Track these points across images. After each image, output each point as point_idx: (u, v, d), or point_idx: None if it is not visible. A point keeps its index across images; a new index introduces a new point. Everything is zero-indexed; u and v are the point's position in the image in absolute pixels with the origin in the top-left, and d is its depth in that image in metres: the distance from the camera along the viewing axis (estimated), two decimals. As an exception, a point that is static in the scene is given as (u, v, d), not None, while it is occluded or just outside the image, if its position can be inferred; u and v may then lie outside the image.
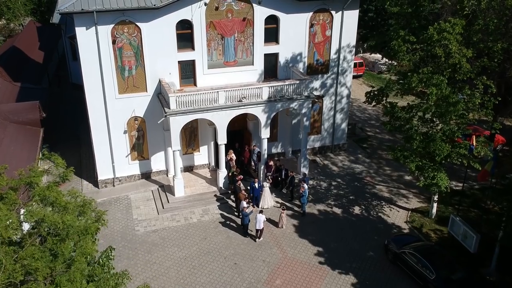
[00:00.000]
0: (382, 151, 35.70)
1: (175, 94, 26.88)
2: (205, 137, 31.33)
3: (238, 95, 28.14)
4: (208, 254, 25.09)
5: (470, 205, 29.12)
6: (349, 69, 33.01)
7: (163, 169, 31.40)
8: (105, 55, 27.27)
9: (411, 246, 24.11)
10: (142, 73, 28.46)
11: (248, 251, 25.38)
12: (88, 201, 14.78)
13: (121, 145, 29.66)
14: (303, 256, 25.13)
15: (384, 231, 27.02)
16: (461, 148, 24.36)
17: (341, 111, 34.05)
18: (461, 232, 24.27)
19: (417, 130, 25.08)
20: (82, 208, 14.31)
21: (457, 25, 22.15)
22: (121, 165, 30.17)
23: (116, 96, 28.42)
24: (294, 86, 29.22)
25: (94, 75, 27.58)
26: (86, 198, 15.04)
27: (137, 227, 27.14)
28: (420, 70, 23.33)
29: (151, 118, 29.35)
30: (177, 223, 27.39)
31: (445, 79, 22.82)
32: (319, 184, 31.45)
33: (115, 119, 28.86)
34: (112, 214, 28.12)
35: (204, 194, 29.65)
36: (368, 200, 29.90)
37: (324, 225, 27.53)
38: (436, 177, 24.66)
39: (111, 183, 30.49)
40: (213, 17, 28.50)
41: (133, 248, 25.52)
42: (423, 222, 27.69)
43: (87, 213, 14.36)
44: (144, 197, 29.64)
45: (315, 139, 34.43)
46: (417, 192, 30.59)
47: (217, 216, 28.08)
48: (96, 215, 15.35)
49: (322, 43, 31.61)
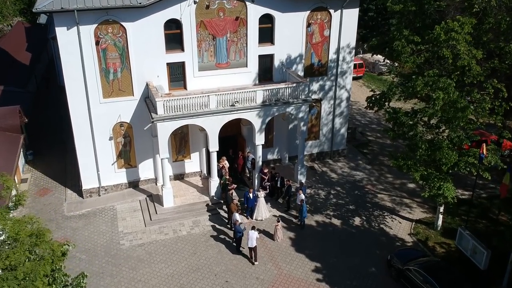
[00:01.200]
0: (383, 157, 33.97)
1: (162, 99, 25.12)
2: (196, 143, 29.56)
3: (230, 99, 26.38)
4: (197, 271, 23.33)
5: (478, 216, 27.37)
6: (349, 70, 31.26)
7: (151, 178, 29.63)
8: (88, 57, 25.52)
9: (416, 262, 22.42)
10: (128, 76, 26.69)
11: (240, 268, 23.61)
12: (42, 231, 12.67)
13: (106, 152, 27.89)
14: (299, 272, 23.37)
15: (386, 244, 25.29)
16: (469, 156, 22.62)
17: (340, 115, 32.30)
18: (470, 247, 22.53)
19: (422, 137, 23.31)
20: (36, 239, 12.23)
21: (466, 24, 20.36)
22: (107, 173, 28.39)
23: (101, 101, 26.66)
24: (291, 89, 27.46)
25: (76, 78, 25.82)
26: (41, 227, 12.94)
27: (122, 240, 25.37)
28: (426, 73, 21.55)
29: (138, 123, 27.58)
30: (165, 236, 25.63)
31: (452, 82, 21.05)
32: (317, 193, 29.70)
33: (100, 125, 27.09)
34: (96, 227, 26.38)
35: (194, 204, 27.89)
36: (369, 210, 28.17)
37: (323, 238, 25.79)
38: (443, 187, 22.97)
39: (96, 193, 28.72)
40: (203, 16, 26.74)
41: (117, 264, 23.75)
42: (428, 234, 25.95)
43: (40, 246, 12.31)
44: (131, 208, 27.88)
45: (313, 145, 32.67)
46: (421, 201, 28.86)
47: (208, 228, 26.32)
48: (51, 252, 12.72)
49: (320, 44, 29.85)
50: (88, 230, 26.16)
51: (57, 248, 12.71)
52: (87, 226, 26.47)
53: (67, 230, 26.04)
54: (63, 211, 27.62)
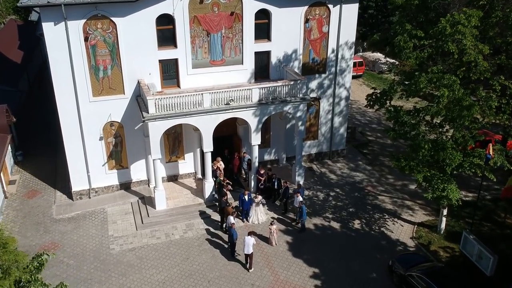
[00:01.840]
0: (384, 158, 32.93)
1: (154, 97, 24.08)
2: (190, 143, 28.50)
3: (225, 98, 25.34)
4: (190, 277, 22.27)
5: (482, 218, 26.34)
6: (348, 68, 30.21)
7: (144, 179, 28.56)
8: (76, 53, 24.47)
9: (418, 268, 21.37)
10: (119, 74, 25.64)
11: (235, 274, 22.56)
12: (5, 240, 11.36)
13: (96, 153, 26.84)
14: (297, 278, 22.32)
15: (387, 249, 24.25)
16: (475, 157, 21.58)
17: (339, 114, 31.24)
18: (475, 252, 21.47)
19: (425, 137, 22.27)
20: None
21: (473, 17, 19.29)
22: (98, 174, 27.33)
23: (90, 99, 25.60)
24: (288, 87, 26.42)
25: (64, 76, 24.77)
26: (5, 236, 11.70)
27: (113, 245, 24.31)
28: (429, 69, 20.49)
29: (130, 123, 26.54)
30: (157, 240, 24.58)
31: (457, 79, 20.01)
32: (316, 195, 28.65)
33: (89, 125, 26.04)
34: (86, 230, 25.32)
35: (188, 206, 26.84)
36: (370, 213, 27.12)
37: (321, 242, 24.74)
38: (446, 189, 21.95)
39: (86, 195, 27.67)
40: (197, 11, 25.68)
41: (106, 270, 22.68)
42: (431, 238, 24.90)
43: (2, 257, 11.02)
44: (122, 210, 26.82)
45: (311, 145, 31.62)
46: (423, 203, 27.84)
47: (202, 232, 25.27)
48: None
49: (319, 40, 28.79)
50: (77, 234, 25.11)
51: (22, 259, 11.55)
52: (76, 229, 25.42)
53: (55, 234, 24.99)
54: (52, 214, 26.56)
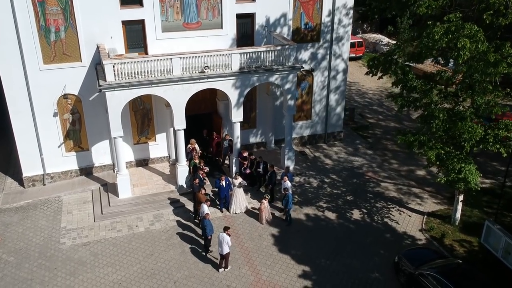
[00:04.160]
0: (387, 141, 29.02)
1: (112, 61, 20.12)
2: (162, 122, 24.55)
3: (199, 64, 21.42)
4: (152, 277, 18.32)
5: (503, 207, 22.42)
6: (346, 36, 26.27)
7: (108, 164, 24.63)
8: (22, 12, 20.50)
9: (431, 265, 17.53)
10: (74, 37, 21.69)
11: (207, 273, 18.60)
12: None
13: (50, 132, 22.89)
14: (282, 278, 18.38)
15: (393, 243, 20.34)
16: (500, 129, 17.66)
17: (336, 90, 27.29)
18: (501, 246, 17.63)
19: (438, 105, 18.37)
20: None
21: None
22: (53, 158, 23.39)
23: (40, 67, 21.66)
24: (275, 53, 22.52)
25: (8, 39, 20.79)
26: None
27: (64, 238, 20.38)
28: (445, 17, 16.54)
29: (89, 96, 22.62)
30: (117, 234, 20.65)
31: (481, 29, 16.07)
32: (308, 181, 24.70)
33: (41, 98, 22.09)
34: (34, 221, 21.40)
35: (157, 194, 22.91)
36: (371, 202, 23.20)
37: (313, 235, 20.81)
38: (464, 170, 18.08)
39: (40, 181, 23.72)
40: (166, -38, 21.81)
41: (52, 268, 18.73)
42: (444, 230, 20.99)
43: None
44: (80, 199, 22.90)
45: (303, 126, 27.67)
46: (433, 190, 23.98)
47: (172, 223, 21.33)
48: None
49: (312, 2, 24.85)
50: (23, 225, 21.18)
51: None
52: (22, 221, 21.49)
53: (-3, 226, 21.10)
54: (-2, 204, 22.67)
